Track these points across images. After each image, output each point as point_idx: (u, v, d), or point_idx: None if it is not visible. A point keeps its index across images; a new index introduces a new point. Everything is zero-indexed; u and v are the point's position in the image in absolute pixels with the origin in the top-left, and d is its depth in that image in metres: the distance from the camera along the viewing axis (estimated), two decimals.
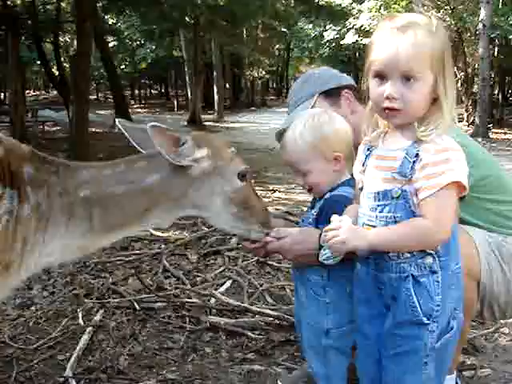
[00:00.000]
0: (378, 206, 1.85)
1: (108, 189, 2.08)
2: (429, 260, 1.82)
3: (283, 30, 26.19)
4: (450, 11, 20.27)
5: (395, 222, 1.81)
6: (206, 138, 2.29)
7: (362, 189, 1.95)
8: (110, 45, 22.76)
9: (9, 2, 11.88)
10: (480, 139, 16.57)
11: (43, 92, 43.38)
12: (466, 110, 20.90)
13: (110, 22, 22.18)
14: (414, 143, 1.80)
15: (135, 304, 3.69)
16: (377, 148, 1.93)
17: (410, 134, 1.83)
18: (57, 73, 17.29)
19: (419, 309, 1.82)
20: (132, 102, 37.07)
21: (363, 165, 1.96)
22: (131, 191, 2.10)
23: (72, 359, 3.00)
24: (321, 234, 2.19)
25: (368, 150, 1.96)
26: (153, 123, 2.04)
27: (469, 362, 3.02)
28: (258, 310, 3.59)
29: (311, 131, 2.22)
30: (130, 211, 2.11)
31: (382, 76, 1.78)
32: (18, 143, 2.08)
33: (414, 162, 1.75)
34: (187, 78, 22.24)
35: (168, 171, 2.13)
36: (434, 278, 1.82)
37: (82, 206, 2.02)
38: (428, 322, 1.83)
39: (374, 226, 1.86)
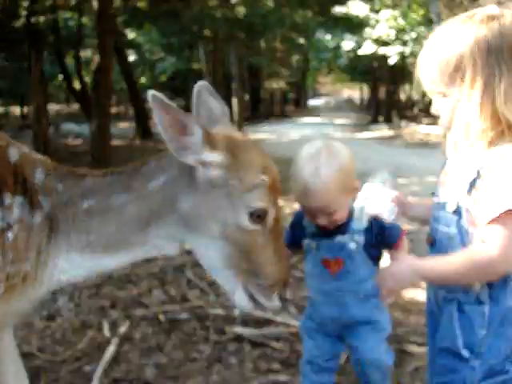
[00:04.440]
0: (438, 217, 1.75)
1: (111, 198, 1.84)
2: (476, 288, 1.62)
3: (301, 41, 26.23)
4: None
5: (449, 237, 1.67)
6: (234, 140, 1.80)
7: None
8: (131, 58, 23.00)
9: (32, 19, 12.07)
10: None
11: (65, 106, 43.87)
12: None
13: (130, 37, 22.43)
14: (478, 157, 1.60)
15: (160, 315, 3.72)
16: (449, 159, 1.80)
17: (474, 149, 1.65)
18: (78, 87, 17.53)
19: (460, 339, 1.64)
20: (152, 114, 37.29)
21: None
22: (133, 198, 1.82)
23: (99, 370, 3.04)
24: None
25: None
26: (154, 92, 1.61)
27: None
28: (282, 320, 3.60)
29: (331, 171, 2.00)
30: (129, 225, 1.83)
31: None
32: (32, 150, 2.00)
33: (475, 178, 1.57)
34: None
35: (174, 173, 1.79)
36: (480, 310, 1.62)
37: (83, 218, 1.83)
38: (468, 356, 1.63)
39: (434, 238, 1.77)
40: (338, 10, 18.24)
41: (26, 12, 12.27)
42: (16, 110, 31.83)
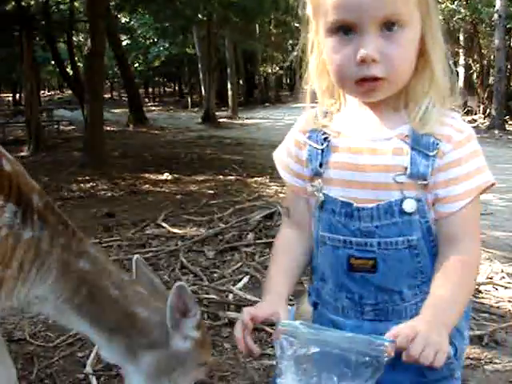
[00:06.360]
0: (378, 227, 1.22)
1: (104, 281, 1.96)
2: None
3: (296, 25, 26.12)
4: (464, 2, 20.09)
5: (409, 247, 1.22)
6: (204, 328, 2.15)
7: (323, 204, 1.29)
8: (124, 43, 22.84)
9: (23, 3, 11.94)
10: (496, 131, 16.44)
11: (58, 91, 43.66)
12: (482, 102, 20.70)
13: (123, 21, 22.27)
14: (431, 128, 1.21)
15: None
16: (343, 136, 1.28)
17: (394, 110, 1.25)
18: (71, 72, 17.40)
19: (454, 356, 1.25)
20: (146, 100, 37.21)
21: (321, 165, 1.29)
22: (119, 301, 1.96)
23: (91, 356, 3.01)
24: None
25: (326, 139, 1.29)
26: (181, 283, 1.90)
27: (490, 356, 2.99)
28: None
29: None
30: (105, 314, 1.96)
31: (346, 29, 1.15)
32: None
33: (433, 156, 1.19)
34: (201, 75, 22.26)
35: (156, 322, 1.98)
36: None
37: (74, 273, 1.92)
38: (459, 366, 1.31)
39: (375, 260, 1.24)
40: None
41: None
42: (8, 96, 31.69)
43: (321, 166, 1.28)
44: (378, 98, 1.21)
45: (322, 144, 1.29)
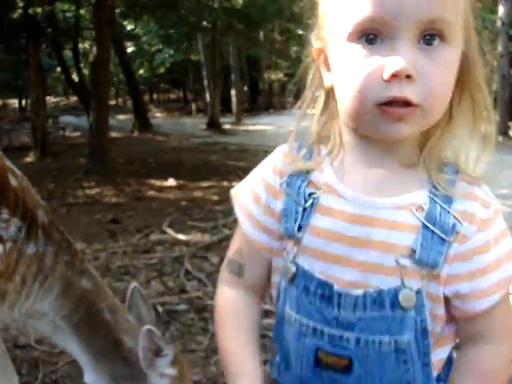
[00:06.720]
0: (361, 319, 0.94)
1: (101, 303, 2.00)
2: None
3: (300, 32, 26.19)
4: None
5: (396, 350, 0.94)
6: (184, 363, 2.15)
7: (294, 278, 0.99)
8: (129, 50, 22.94)
9: (30, 11, 12.01)
10: (500, 138, 16.42)
11: (64, 98, 43.78)
12: None
13: (128, 28, 22.35)
14: (432, 191, 0.93)
15: (158, 306, 3.72)
16: (334, 193, 0.97)
17: (410, 165, 0.95)
18: (77, 79, 17.47)
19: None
20: (151, 106, 37.30)
21: (300, 228, 0.97)
22: (110, 325, 2.00)
23: None
24: None
25: (311, 195, 0.98)
26: (149, 327, 1.90)
27: None
28: None
29: None
30: (96, 335, 1.99)
31: (372, 36, 0.85)
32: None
33: (449, 242, 0.91)
34: (205, 81, 22.32)
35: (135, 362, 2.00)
36: None
37: (75, 291, 1.95)
38: None
39: (349, 359, 0.96)
40: None
41: (24, 3, 12.21)
42: (14, 102, 31.82)
43: (299, 229, 0.97)
44: (402, 134, 0.89)
45: (306, 200, 0.97)
